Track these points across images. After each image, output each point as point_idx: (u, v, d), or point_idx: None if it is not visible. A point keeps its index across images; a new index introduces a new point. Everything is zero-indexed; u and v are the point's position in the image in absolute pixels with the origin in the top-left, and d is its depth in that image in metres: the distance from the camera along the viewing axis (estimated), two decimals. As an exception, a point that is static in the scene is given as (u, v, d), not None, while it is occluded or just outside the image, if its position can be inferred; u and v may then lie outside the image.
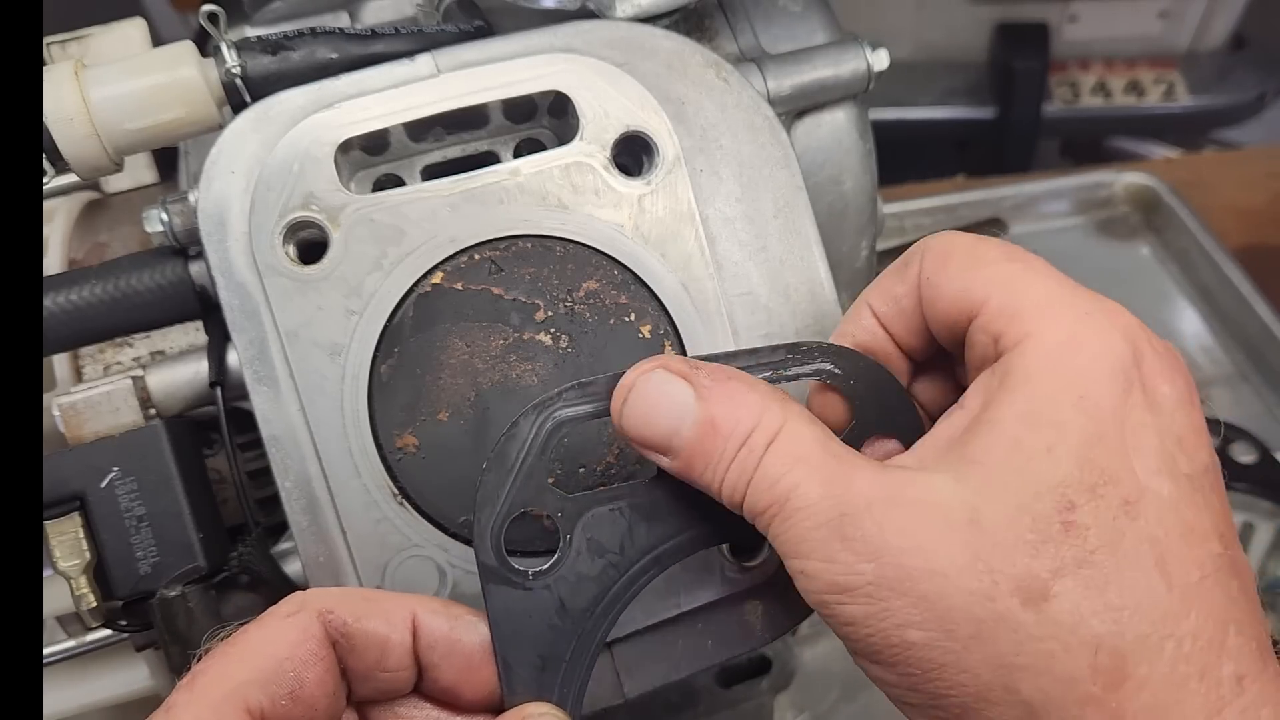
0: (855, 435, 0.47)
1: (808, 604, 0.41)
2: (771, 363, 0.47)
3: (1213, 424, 1.16)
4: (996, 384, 0.41)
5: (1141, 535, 0.38)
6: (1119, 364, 0.40)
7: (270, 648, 0.41)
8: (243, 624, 0.42)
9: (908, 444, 0.46)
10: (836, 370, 0.47)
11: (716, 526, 0.46)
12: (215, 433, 0.61)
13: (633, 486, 0.46)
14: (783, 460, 0.41)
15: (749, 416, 0.42)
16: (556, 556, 0.45)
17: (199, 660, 0.41)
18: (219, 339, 0.58)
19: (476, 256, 0.55)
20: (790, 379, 0.47)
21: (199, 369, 0.59)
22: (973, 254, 0.44)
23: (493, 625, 0.44)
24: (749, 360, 0.47)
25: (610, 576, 0.45)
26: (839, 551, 0.39)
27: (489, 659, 0.44)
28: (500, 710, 0.44)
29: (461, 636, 0.44)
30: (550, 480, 0.45)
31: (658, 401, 0.43)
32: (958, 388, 0.47)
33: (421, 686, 0.45)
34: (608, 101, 0.55)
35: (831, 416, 0.48)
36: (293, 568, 0.58)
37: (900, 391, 0.48)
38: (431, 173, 0.58)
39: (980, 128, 1.72)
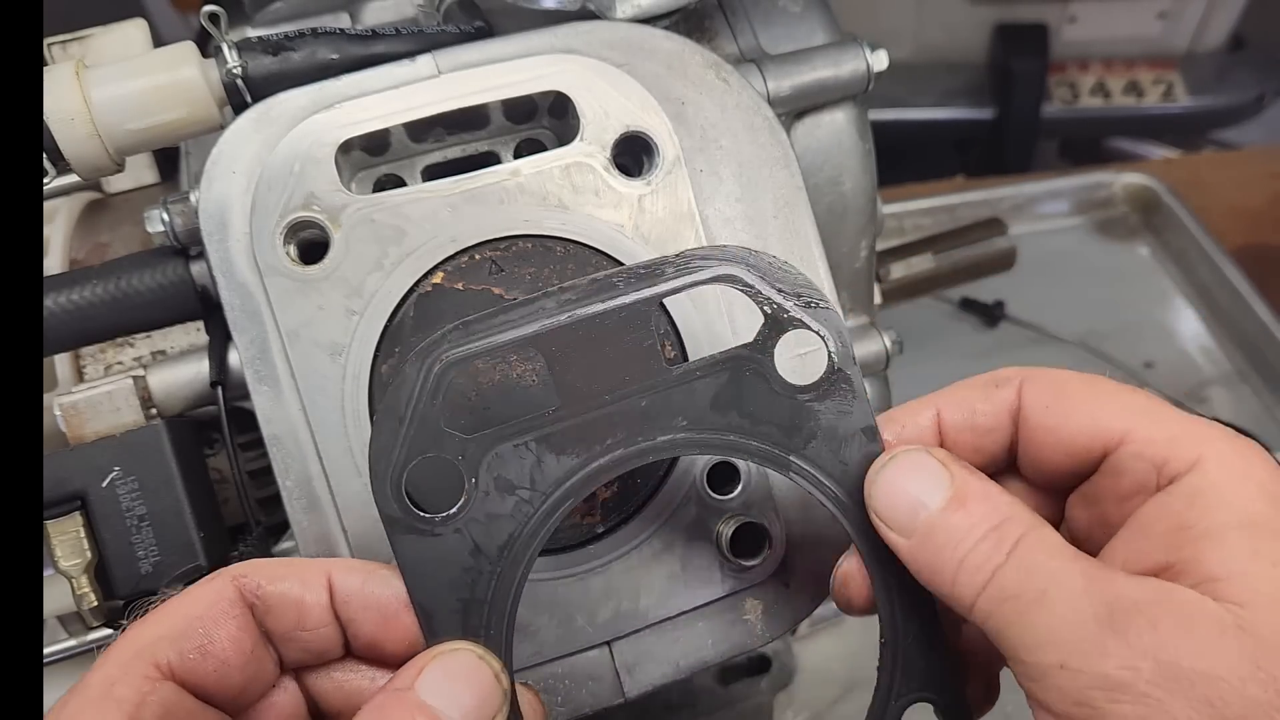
0: (767, 335, 0.46)
1: (1052, 708, 0.40)
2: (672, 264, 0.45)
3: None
4: (1185, 505, 0.42)
5: None
6: (1273, 469, 0.42)
7: (183, 609, 0.42)
8: (167, 596, 0.43)
9: (830, 345, 0.47)
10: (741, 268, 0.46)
11: (628, 454, 0.46)
12: (216, 432, 0.61)
13: (535, 419, 0.45)
14: (1038, 551, 0.42)
15: (1001, 507, 0.43)
16: (464, 499, 0.44)
17: (121, 632, 0.42)
18: (220, 339, 0.58)
19: (477, 256, 0.55)
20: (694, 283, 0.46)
21: (200, 369, 0.59)
22: (1092, 388, 0.46)
23: (405, 575, 0.44)
24: (646, 268, 0.45)
25: (524, 512, 0.45)
26: (1112, 645, 0.39)
27: (405, 609, 0.44)
28: None
29: (375, 590, 0.44)
30: (447, 425, 0.44)
31: (912, 474, 0.45)
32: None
33: (354, 648, 0.46)
34: (608, 102, 0.56)
35: None
36: (293, 567, 0.58)
37: (809, 282, 0.47)
38: (432, 173, 0.59)
39: (980, 128, 1.73)
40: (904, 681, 0.47)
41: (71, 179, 0.57)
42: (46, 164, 0.55)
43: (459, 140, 0.59)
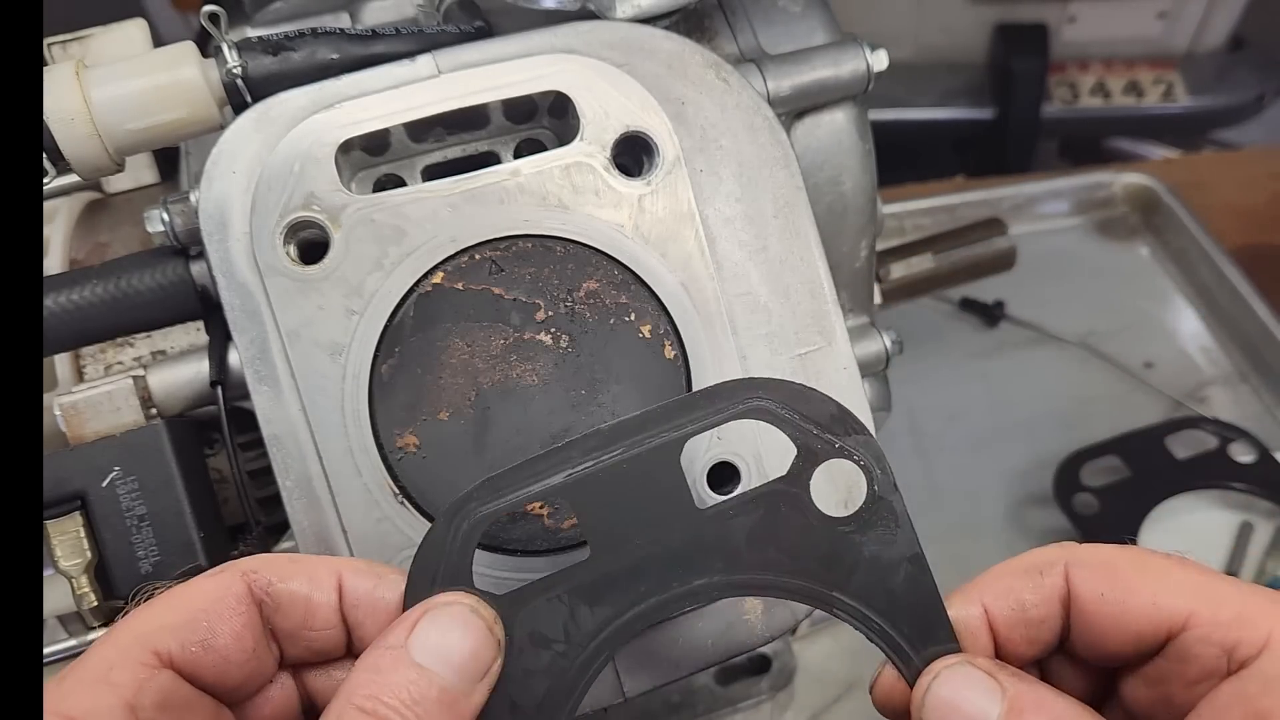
0: (801, 468, 0.45)
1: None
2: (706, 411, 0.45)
3: (1211, 424, 1.16)
4: (1260, 690, 0.41)
5: None
6: None
7: (188, 600, 0.42)
8: (171, 584, 0.43)
9: (866, 469, 0.45)
10: (769, 403, 0.45)
11: (664, 600, 0.44)
12: (216, 432, 0.61)
13: (568, 571, 0.44)
14: None
15: (1062, 716, 0.42)
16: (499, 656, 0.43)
17: (122, 615, 0.42)
18: (220, 339, 0.58)
19: (477, 256, 0.55)
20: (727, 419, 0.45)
21: (200, 369, 0.59)
22: (1143, 568, 0.45)
23: None
24: (678, 416, 0.44)
25: (560, 666, 0.43)
26: None
27: None
28: None
29: (385, 594, 0.44)
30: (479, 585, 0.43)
31: (961, 691, 0.43)
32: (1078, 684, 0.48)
33: (354, 649, 0.45)
34: (608, 102, 0.56)
35: None
36: (293, 567, 0.58)
37: (845, 412, 0.46)
38: (432, 173, 0.59)
39: (980, 128, 1.73)
40: None
41: (71, 179, 0.57)
42: (46, 164, 0.55)
43: (459, 140, 0.59)
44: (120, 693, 0.39)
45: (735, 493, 0.45)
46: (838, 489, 0.46)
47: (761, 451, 0.55)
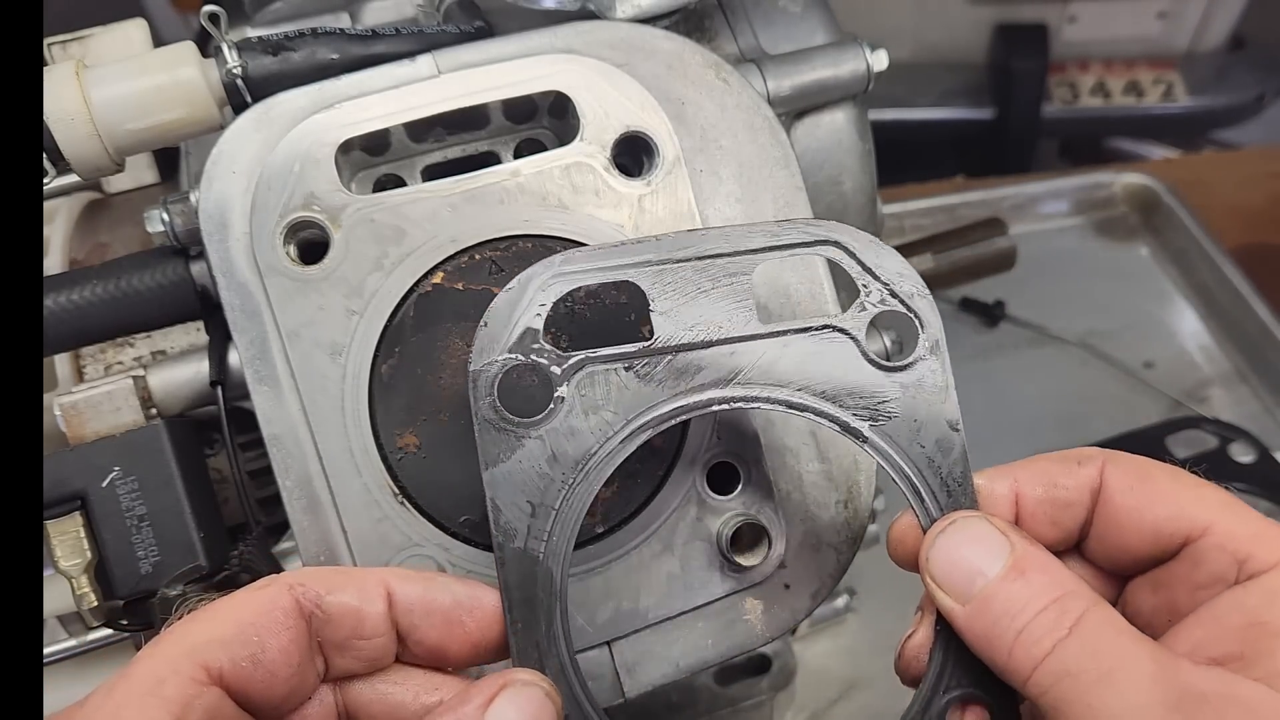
0: (863, 312, 0.48)
1: None
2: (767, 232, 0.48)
3: (1211, 424, 1.16)
4: (1265, 601, 0.42)
5: None
6: None
7: (236, 614, 0.42)
8: (213, 597, 0.43)
9: (926, 326, 0.48)
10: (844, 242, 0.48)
11: (711, 398, 0.47)
12: (216, 432, 0.61)
13: (630, 348, 0.47)
14: (1107, 628, 0.41)
15: (1063, 580, 0.43)
16: (550, 406, 0.46)
17: (168, 626, 0.42)
18: (220, 339, 0.58)
19: (477, 256, 0.55)
20: (791, 248, 0.48)
21: (200, 369, 0.59)
22: (1176, 477, 0.46)
23: (485, 472, 0.45)
24: (733, 236, 0.48)
25: (604, 432, 0.46)
26: None
27: (468, 615, 0.45)
28: (486, 659, 0.46)
29: (437, 596, 0.45)
30: (545, 340, 0.46)
31: (971, 542, 0.45)
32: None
33: (404, 654, 0.46)
34: (608, 102, 0.56)
35: None
36: (294, 567, 0.58)
37: (906, 265, 0.48)
38: (432, 173, 0.59)
39: (979, 128, 1.73)
40: (955, 676, 0.46)
41: (71, 179, 0.57)
42: (46, 164, 0.55)
43: (459, 140, 0.59)
44: (170, 708, 0.39)
45: (793, 326, 0.48)
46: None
47: (763, 454, 0.55)
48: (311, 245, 0.55)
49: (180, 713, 0.39)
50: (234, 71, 0.56)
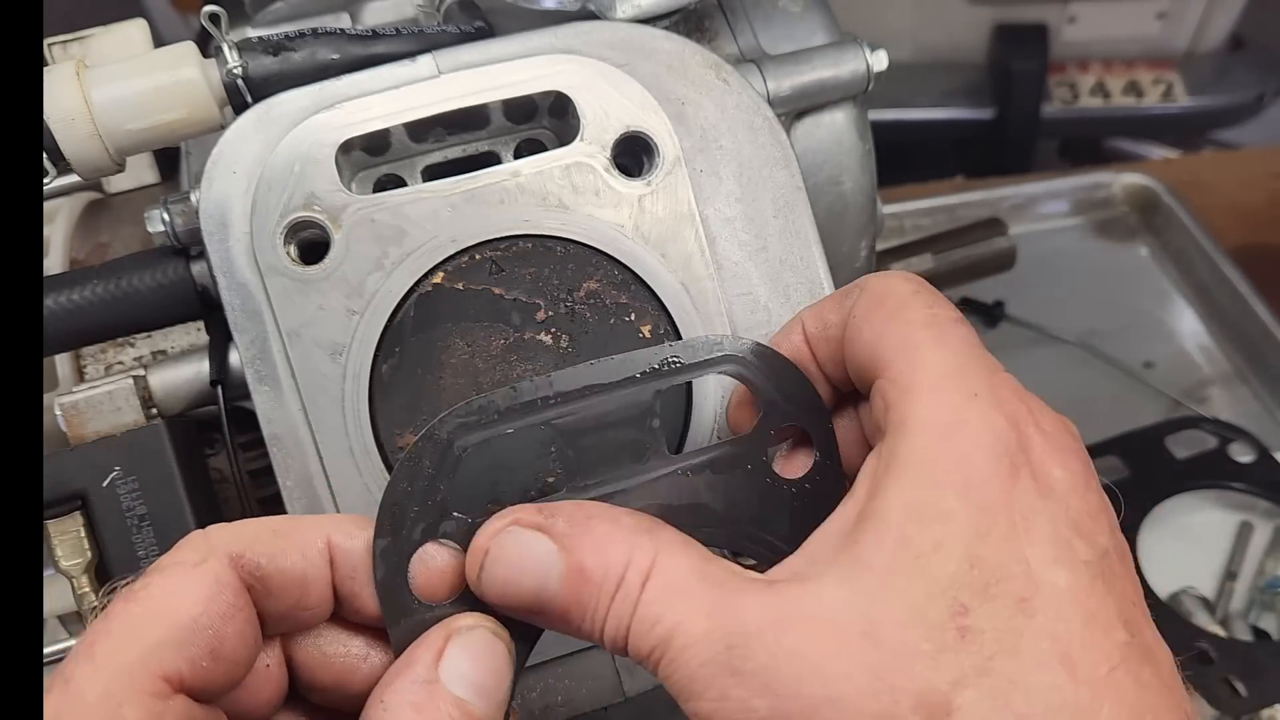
0: (762, 429, 0.46)
1: None
2: (656, 368, 0.46)
3: (1211, 424, 1.16)
4: (883, 470, 0.39)
5: (1042, 632, 0.36)
6: (1003, 448, 0.38)
7: (181, 603, 0.38)
8: (142, 574, 0.39)
9: (816, 438, 0.46)
10: (743, 359, 0.47)
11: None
12: (217, 432, 0.61)
13: (538, 488, 0.44)
14: (660, 598, 0.38)
15: (619, 556, 0.39)
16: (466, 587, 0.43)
17: (97, 618, 0.38)
18: (220, 339, 0.58)
19: (477, 256, 0.55)
20: (684, 376, 0.47)
21: (200, 369, 0.59)
22: (900, 307, 0.43)
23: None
24: (626, 368, 0.46)
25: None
26: (731, 688, 0.36)
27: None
28: None
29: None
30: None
31: (516, 561, 0.40)
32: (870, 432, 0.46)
33: (342, 611, 0.43)
34: (608, 102, 0.56)
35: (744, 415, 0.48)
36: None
37: (803, 380, 0.47)
38: (432, 173, 0.59)
39: (979, 128, 1.73)
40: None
41: (72, 179, 0.57)
42: (46, 164, 0.55)
43: (459, 140, 0.59)
44: None
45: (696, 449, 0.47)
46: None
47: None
48: (312, 245, 0.55)
49: None
50: (234, 71, 0.56)
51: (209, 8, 0.57)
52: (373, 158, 0.58)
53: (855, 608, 0.37)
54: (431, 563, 0.42)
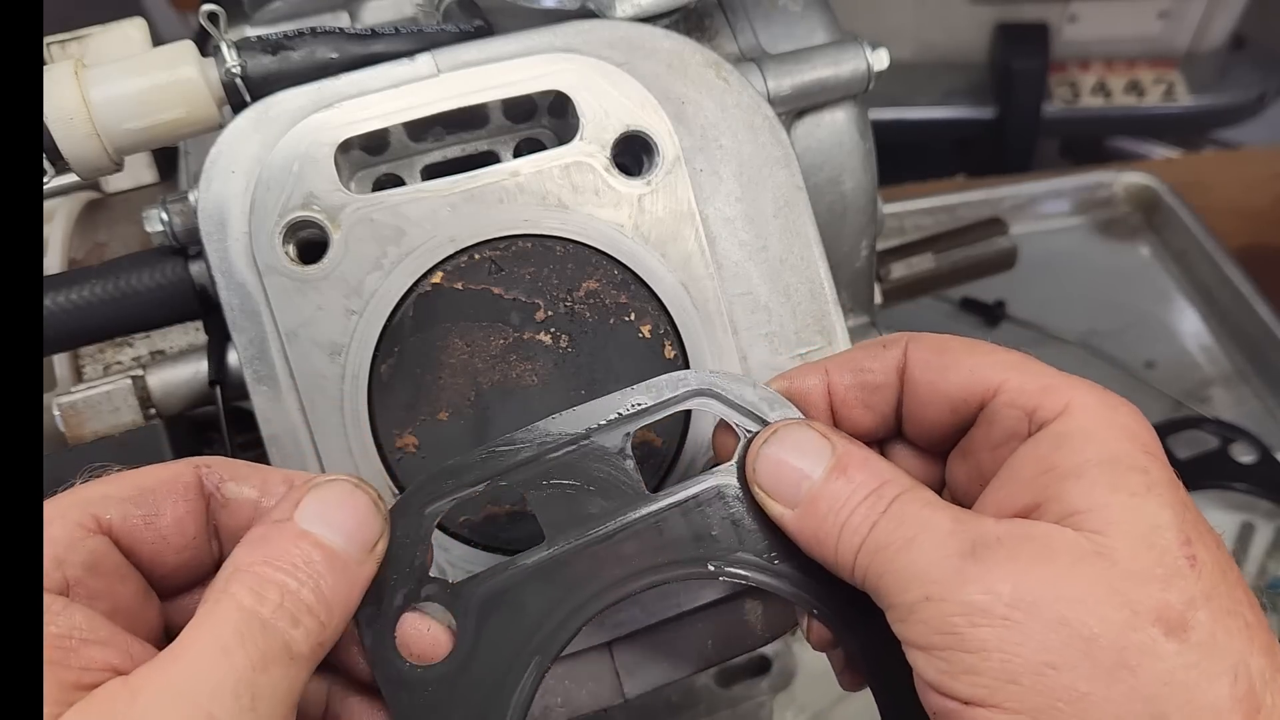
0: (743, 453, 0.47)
1: (920, 642, 0.41)
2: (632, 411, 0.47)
3: (1213, 424, 1.16)
4: (1053, 447, 0.43)
5: (1232, 564, 0.41)
6: (1142, 420, 0.44)
7: (138, 479, 0.43)
8: (119, 468, 0.43)
9: None
10: (708, 390, 0.48)
11: (615, 586, 0.46)
12: (215, 432, 0.61)
13: (523, 556, 0.46)
14: (913, 503, 0.43)
15: (881, 471, 0.44)
16: (452, 649, 0.44)
17: (66, 486, 0.43)
18: (219, 339, 0.58)
19: (476, 256, 0.55)
20: (651, 417, 0.48)
21: (199, 368, 0.59)
22: (971, 346, 0.48)
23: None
24: (594, 416, 0.47)
25: (517, 640, 0.45)
26: (973, 573, 0.40)
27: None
28: None
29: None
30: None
31: (795, 445, 0.46)
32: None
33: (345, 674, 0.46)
34: (608, 101, 0.55)
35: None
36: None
37: (776, 396, 0.49)
38: (431, 172, 0.58)
39: (980, 128, 1.72)
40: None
41: (70, 179, 0.57)
42: (46, 164, 0.55)
43: (458, 140, 0.59)
44: (52, 547, 0.39)
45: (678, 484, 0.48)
46: None
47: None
48: (311, 245, 0.55)
49: (61, 552, 0.40)
50: (233, 71, 0.56)
51: (207, 6, 0.56)
52: (372, 157, 0.58)
53: (1085, 535, 0.40)
54: (416, 628, 0.45)
